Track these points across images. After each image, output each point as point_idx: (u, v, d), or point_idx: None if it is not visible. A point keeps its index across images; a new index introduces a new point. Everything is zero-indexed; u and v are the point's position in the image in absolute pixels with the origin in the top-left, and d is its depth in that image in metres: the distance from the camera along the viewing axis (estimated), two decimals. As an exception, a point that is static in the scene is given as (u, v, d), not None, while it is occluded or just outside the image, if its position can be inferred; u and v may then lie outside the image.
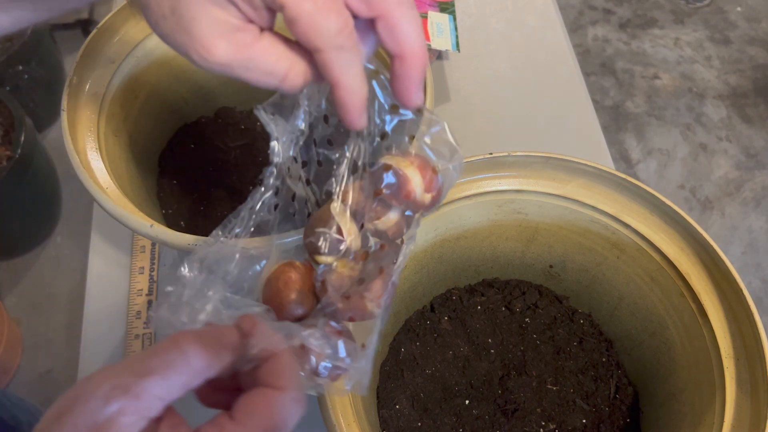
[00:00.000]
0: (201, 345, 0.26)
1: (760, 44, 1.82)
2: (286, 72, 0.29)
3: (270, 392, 0.27)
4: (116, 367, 0.25)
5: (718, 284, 0.44)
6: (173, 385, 0.26)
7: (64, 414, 0.24)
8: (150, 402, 0.25)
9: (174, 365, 0.26)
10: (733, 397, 0.41)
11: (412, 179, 0.33)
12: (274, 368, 0.28)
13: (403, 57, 0.29)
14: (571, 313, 0.56)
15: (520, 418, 0.50)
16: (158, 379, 0.25)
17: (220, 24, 0.27)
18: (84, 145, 0.49)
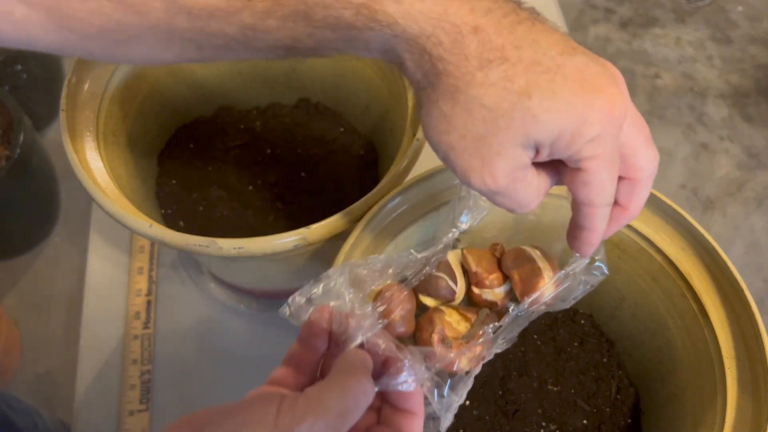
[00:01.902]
0: (370, 378, 0.29)
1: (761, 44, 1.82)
2: (531, 203, 0.32)
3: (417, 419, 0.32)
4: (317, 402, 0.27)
5: (719, 284, 0.44)
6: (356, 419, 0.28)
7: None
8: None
9: (361, 404, 0.28)
10: (735, 398, 0.40)
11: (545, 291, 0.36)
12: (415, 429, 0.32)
13: (628, 211, 0.33)
14: (572, 313, 0.56)
15: (521, 418, 0.50)
16: (352, 419, 0.28)
17: (516, 162, 0.29)
18: (83, 144, 0.49)
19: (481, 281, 0.37)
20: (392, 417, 0.32)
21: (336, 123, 0.66)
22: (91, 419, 0.57)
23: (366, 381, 0.29)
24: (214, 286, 0.63)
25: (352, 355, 0.30)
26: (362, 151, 0.64)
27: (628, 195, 0.32)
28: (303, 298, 0.33)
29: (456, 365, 0.34)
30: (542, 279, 0.36)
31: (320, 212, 0.60)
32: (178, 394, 0.57)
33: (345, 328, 0.32)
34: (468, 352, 0.34)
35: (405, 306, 0.35)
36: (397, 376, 0.31)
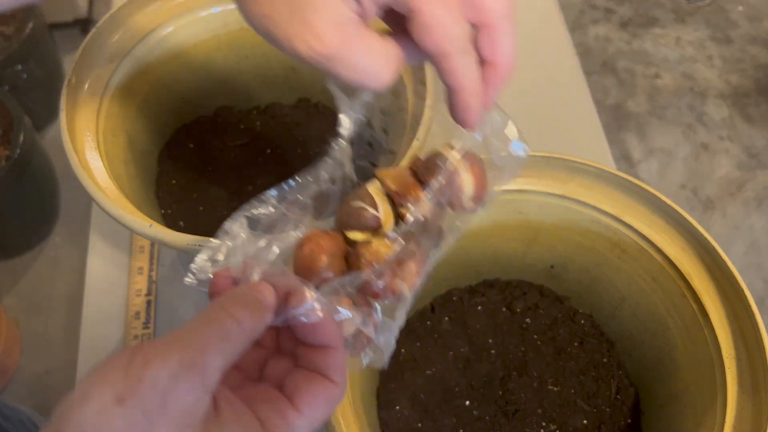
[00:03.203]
0: (249, 309, 0.27)
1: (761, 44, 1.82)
2: (379, 71, 0.29)
3: (330, 386, 0.28)
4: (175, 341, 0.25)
5: (719, 285, 0.44)
6: (231, 354, 0.25)
7: (127, 398, 0.23)
8: (212, 375, 0.25)
9: (230, 334, 0.26)
10: (735, 398, 0.40)
11: (464, 183, 0.33)
12: (334, 363, 0.29)
13: (496, 65, 0.30)
14: (573, 313, 0.56)
15: (521, 418, 0.50)
16: (218, 352, 0.25)
17: (339, 15, 0.27)
18: (83, 144, 0.49)
19: (402, 199, 0.33)
20: (308, 356, 0.29)
21: (336, 122, 0.66)
22: (91, 419, 0.57)
23: (243, 311, 0.26)
24: (214, 286, 0.63)
25: (232, 290, 0.28)
26: (362, 151, 0.64)
27: (489, 44, 0.29)
28: (208, 262, 0.31)
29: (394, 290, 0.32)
30: (458, 176, 0.33)
31: (320, 212, 0.60)
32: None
33: (244, 272, 0.29)
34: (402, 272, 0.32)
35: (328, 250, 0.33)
36: (298, 305, 0.28)
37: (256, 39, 0.62)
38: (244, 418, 0.26)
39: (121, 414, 0.23)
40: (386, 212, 0.33)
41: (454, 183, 0.33)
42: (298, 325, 0.29)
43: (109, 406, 0.23)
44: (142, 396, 0.23)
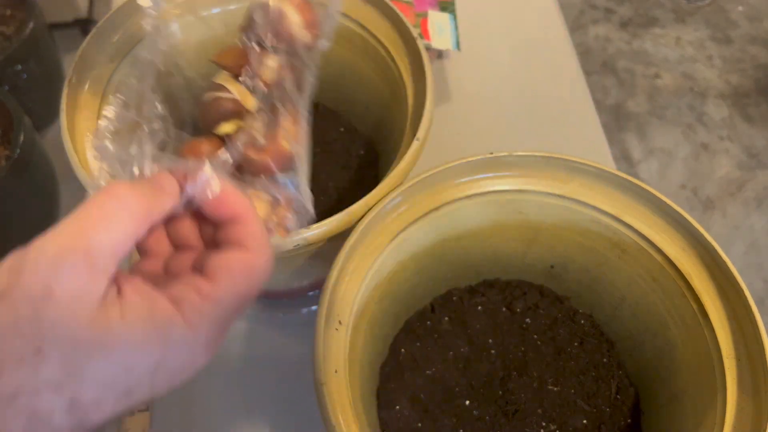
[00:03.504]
0: (137, 190, 0.26)
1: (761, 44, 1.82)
2: None
3: (246, 254, 0.27)
4: (53, 231, 0.24)
5: (719, 285, 0.44)
6: (119, 234, 0.25)
7: (8, 293, 0.23)
8: (101, 258, 0.24)
9: (114, 213, 0.25)
10: (735, 398, 0.40)
11: (288, 14, 0.33)
12: (246, 231, 0.28)
13: None
14: (573, 313, 0.56)
15: (521, 418, 0.50)
16: (102, 231, 0.24)
17: None
18: (83, 144, 0.49)
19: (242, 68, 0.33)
20: (223, 235, 0.28)
21: (336, 123, 0.66)
22: (92, 419, 0.57)
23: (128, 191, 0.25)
24: (214, 286, 0.63)
25: None
26: (362, 151, 0.64)
27: None
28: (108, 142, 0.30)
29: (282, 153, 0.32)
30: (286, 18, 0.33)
31: (320, 212, 0.60)
32: (178, 394, 0.57)
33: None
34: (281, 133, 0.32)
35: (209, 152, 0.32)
36: (195, 180, 0.27)
37: (256, 39, 0.62)
38: (152, 299, 0.25)
39: (5, 306, 0.22)
40: (240, 92, 0.33)
41: (281, 23, 0.32)
42: (204, 204, 0.28)
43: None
44: (23, 287, 0.23)
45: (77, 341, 0.23)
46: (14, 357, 0.22)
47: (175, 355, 0.25)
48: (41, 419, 0.23)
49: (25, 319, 0.22)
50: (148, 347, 0.24)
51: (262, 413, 0.56)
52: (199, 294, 0.26)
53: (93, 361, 0.23)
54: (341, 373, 0.40)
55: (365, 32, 0.57)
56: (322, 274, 0.44)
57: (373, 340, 0.49)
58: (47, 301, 0.22)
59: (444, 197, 0.49)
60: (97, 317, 0.23)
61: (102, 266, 0.24)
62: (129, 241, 0.25)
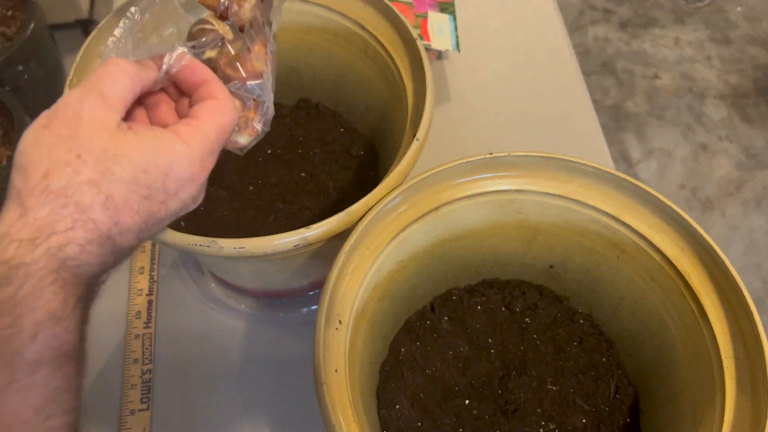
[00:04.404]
0: (129, 62, 0.34)
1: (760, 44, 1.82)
2: None
3: (216, 101, 0.36)
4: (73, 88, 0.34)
5: (718, 284, 0.44)
6: (121, 86, 0.33)
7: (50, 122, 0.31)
8: (112, 97, 0.33)
9: (114, 72, 0.33)
10: (733, 398, 0.41)
11: None
12: (213, 87, 0.37)
13: None
14: (572, 313, 0.56)
15: (521, 418, 0.50)
16: (108, 83, 0.33)
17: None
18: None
19: (226, 7, 0.41)
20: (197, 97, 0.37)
21: (336, 123, 0.67)
22: (92, 418, 0.57)
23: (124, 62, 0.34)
24: (214, 285, 0.63)
25: None
26: (362, 151, 0.64)
27: None
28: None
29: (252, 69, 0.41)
30: None
31: (320, 212, 0.60)
32: (179, 393, 0.57)
33: None
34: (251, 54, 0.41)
35: None
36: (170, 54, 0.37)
37: (256, 40, 0.62)
38: (157, 131, 0.34)
39: (48, 132, 0.31)
40: (221, 26, 0.41)
41: None
42: (178, 72, 0.37)
43: (39, 130, 0.31)
44: (60, 116, 0.31)
45: (105, 149, 0.31)
46: (61, 162, 0.30)
47: (179, 164, 0.33)
48: (85, 211, 0.30)
49: (66, 136, 0.31)
50: (158, 153, 0.33)
51: (262, 413, 0.56)
52: (189, 126, 0.35)
53: (119, 163, 0.31)
54: (341, 373, 0.40)
55: (365, 33, 0.58)
56: (322, 274, 0.44)
57: (373, 339, 0.49)
58: (79, 122, 0.31)
59: (444, 197, 0.49)
60: (117, 134, 0.32)
61: (113, 105, 0.33)
62: (129, 94, 0.34)
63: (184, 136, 0.34)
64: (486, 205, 0.51)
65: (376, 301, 0.48)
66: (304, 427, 0.55)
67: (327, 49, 0.62)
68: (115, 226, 0.31)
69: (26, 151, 0.31)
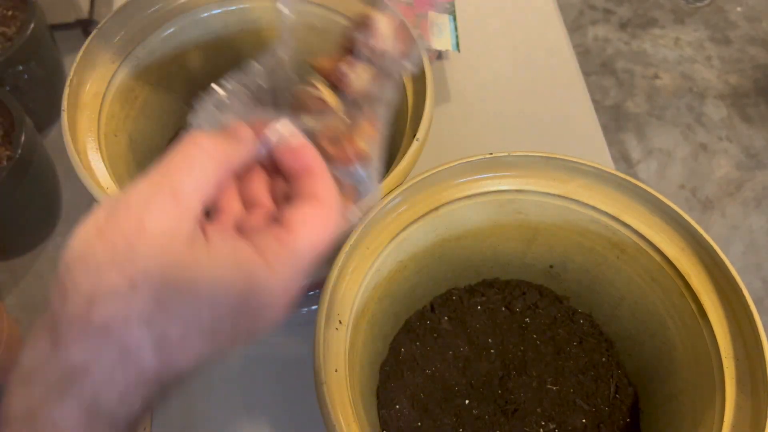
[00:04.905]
0: (215, 138, 0.28)
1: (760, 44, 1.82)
2: None
3: (320, 207, 0.29)
4: (143, 177, 0.26)
5: (718, 284, 0.44)
6: (201, 177, 0.27)
7: (106, 228, 0.25)
8: (186, 196, 0.26)
9: (196, 158, 0.27)
10: (733, 398, 0.41)
11: (379, 24, 0.36)
12: (320, 185, 0.30)
13: None
14: (572, 313, 0.56)
15: (520, 418, 0.50)
16: (186, 174, 0.26)
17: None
18: (84, 145, 0.49)
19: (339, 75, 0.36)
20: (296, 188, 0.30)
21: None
22: (93, 418, 0.57)
23: (209, 140, 0.28)
24: (214, 285, 0.63)
25: None
26: (362, 152, 0.64)
27: None
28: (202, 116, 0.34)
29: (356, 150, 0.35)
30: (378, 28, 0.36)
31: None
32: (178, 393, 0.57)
33: None
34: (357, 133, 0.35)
35: None
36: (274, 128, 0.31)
37: (256, 40, 0.63)
38: (235, 242, 0.27)
39: (103, 241, 0.24)
40: (328, 93, 0.36)
41: (379, 38, 0.36)
42: (280, 152, 0.30)
43: (91, 238, 0.25)
44: (119, 222, 0.25)
45: (167, 275, 0.24)
46: (110, 289, 0.24)
47: (256, 296, 0.26)
48: (130, 353, 0.24)
49: (121, 252, 0.24)
50: (233, 284, 0.26)
51: (262, 413, 0.56)
52: (278, 242, 0.27)
53: (181, 295, 0.25)
54: (341, 373, 0.40)
55: (365, 33, 0.58)
56: (322, 274, 0.44)
57: (372, 339, 0.49)
58: (140, 235, 0.24)
59: (444, 197, 0.49)
60: (185, 252, 0.25)
61: (188, 205, 0.26)
62: (211, 184, 0.27)
63: (270, 257, 0.27)
64: (486, 205, 0.51)
65: (376, 301, 0.48)
66: (304, 427, 0.55)
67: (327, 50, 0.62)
68: (166, 369, 0.25)
69: (71, 265, 0.25)
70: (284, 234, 0.28)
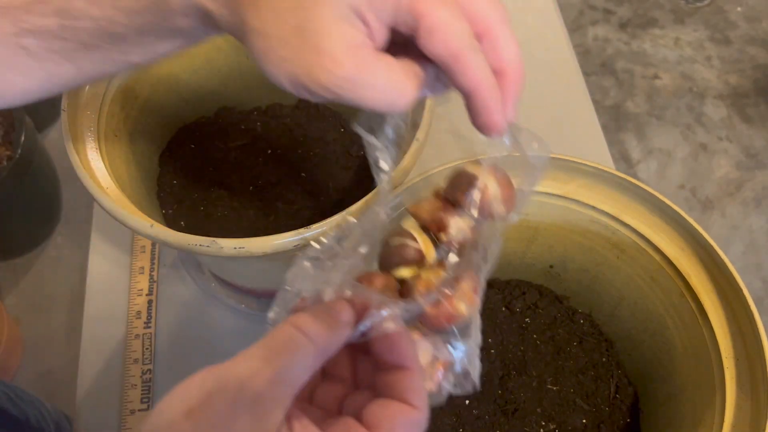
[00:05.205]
0: (319, 323, 0.26)
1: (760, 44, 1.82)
2: (403, 89, 0.28)
3: (408, 410, 0.27)
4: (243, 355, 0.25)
5: (718, 284, 0.44)
6: (302, 368, 0.25)
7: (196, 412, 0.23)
8: (284, 391, 0.24)
9: (299, 348, 0.25)
10: (733, 398, 0.41)
11: (491, 188, 0.33)
12: (410, 385, 0.28)
13: (505, 72, 0.29)
14: (572, 313, 0.56)
15: (520, 418, 0.50)
16: (287, 361, 0.25)
17: (350, 39, 0.27)
18: (84, 145, 0.49)
19: (439, 225, 0.33)
20: (385, 382, 0.28)
21: (336, 123, 0.67)
22: (93, 418, 0.57)
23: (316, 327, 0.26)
24: (215, 285, 0.63)
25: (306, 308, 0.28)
26: (362, 151, 0.65)
27: (493, 52, 0.29)
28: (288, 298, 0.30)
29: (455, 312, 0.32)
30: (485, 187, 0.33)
31: (320, 212, 0.60)
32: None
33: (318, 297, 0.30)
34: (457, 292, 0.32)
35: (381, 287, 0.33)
36: (372, 317, 0.28)
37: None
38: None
39: (190, 426, 0.23)
40: (425, 243, 0.34)
41: (483, 195, 0.33)
42: (374, 340, 0.28)
43: (178, 419, 0.23)
44: (212, 409, 0.23)
45: None
46: None
47: None
48: None
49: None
50: None
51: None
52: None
53: None
54: (342, 373, 0.40)
55: (365, 33, 0.58)
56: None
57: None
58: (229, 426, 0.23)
59: (444, 197, 0.49)
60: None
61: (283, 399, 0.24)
62: (308, 373, 0.26)
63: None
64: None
65: (376, 301, 0.48)
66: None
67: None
68: None
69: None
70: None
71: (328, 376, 0.30)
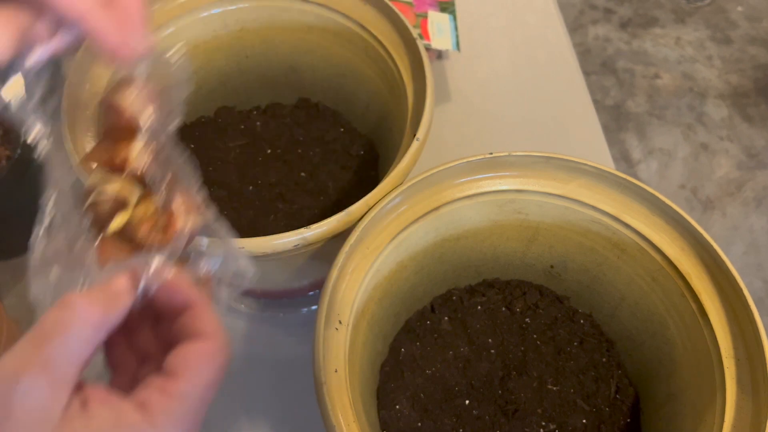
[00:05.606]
0: (90, 298, 0.26)
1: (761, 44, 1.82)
2: None
3: (204, 342, 0.27)
4: (11, 350, 0.24)
5: (718, 284, 0.44)
6: (76, 344, 0.25)
7: None
8: (61, 369, 0.24)
9: (69, 323, 0.25)
10: (734, 398, 0.40)
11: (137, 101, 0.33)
12: (200, 320, 0.28)
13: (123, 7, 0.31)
14: (572, 313, 0.56)
15: (521, 418, 0.50)
16: (58, 343, 0.24)
17: None
18: (84, 145, 0.49)
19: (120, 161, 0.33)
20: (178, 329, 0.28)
21: (336, 123, 0.67)
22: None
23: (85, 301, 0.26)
24: (214, 286, 0.63)
25: None
26: (362, 151, 0.64)
27: None
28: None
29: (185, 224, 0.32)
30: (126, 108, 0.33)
31: (320, 212, 0.60)
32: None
33: None
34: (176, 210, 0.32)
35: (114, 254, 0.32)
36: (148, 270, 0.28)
37: (256, 39, 0.63)
38: (117, 409, 0.25)
39: None
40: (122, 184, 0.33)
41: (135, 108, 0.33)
42: (158, 294, 0.28)
43: None
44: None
45: None
46: None
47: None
48: None
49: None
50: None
51: (262, 413, 0.56)
52: (164, 392, 0.26)
53: None
54: (341, 373, 0.40)
55: (365, 32, 0.58)
56: (322, 274, 0.44)
57: (373, 339, 0.49)
58: (7, 422, 0.22)
59: (443, 197, 0.49)
60: (61, 423, 0.23)
61: (62, 377, 0.24)
62: (88, 349, 0.25)
63: (156, 417, 0.25)
64: (486, 205, 0.51)
65: (376, 302, 0.48)
66: (304, 427, 0.55)
67: (327, 48, 0.62)
68: None
69: None
70: (167, 383, 0.26)
71: (144, 360, 0.30)
